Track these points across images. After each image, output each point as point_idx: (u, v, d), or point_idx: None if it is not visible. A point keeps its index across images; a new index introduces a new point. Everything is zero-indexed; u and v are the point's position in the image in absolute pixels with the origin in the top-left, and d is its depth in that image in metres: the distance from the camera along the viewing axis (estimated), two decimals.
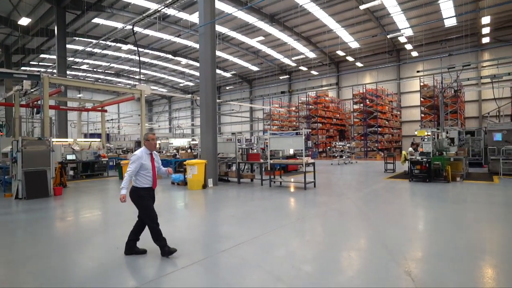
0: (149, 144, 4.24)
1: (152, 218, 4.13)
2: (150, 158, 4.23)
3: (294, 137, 11.11)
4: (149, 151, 4.26)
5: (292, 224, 5.81)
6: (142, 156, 4.13)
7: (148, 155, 4.23)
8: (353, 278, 3.45)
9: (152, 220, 4.12)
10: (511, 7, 20.79)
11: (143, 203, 4.13)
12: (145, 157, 4.17)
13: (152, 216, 4.13)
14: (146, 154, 4.22)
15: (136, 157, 4.11)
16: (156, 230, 4.12)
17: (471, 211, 6.73)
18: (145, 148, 4.26)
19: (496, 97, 20.93)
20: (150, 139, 4.24)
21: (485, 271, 3.65)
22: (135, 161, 4.07)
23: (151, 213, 4.14)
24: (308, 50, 28.86)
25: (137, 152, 4.21)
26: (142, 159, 4.12)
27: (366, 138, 27.24)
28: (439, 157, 11.18)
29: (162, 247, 4.12)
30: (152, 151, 4.29)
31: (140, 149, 4.29)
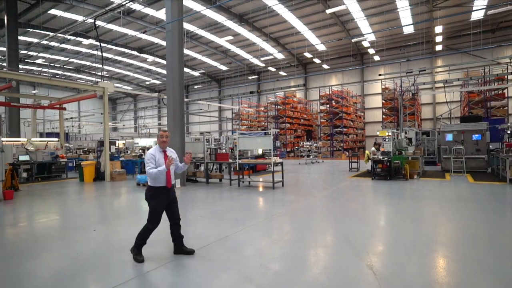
0: (160, 142, 4.15)
1: (154, 222, 4.06)
2: (164, 156, 4.12)
3: (263, 137, 11.20)
4: (162, 149, 4.16)
5: (260, 223, 5.85)
6: (155, 154, 4.05)
7: (161, 153, 4.13)
8: (319, 275, 3.55)
9: (152, 222, 4.05)
10: (460, 18, 22.60)
11: (152, 204, 4.05)
12: (158, 155, 4.08)
13: (154, 219, 4.06)
14: (159, 152, 4.12)
15: (150, 155, 4.04)
16: (146, 232, 4.06)
17: (427, 206, 7.21)
18: (158, 146, 4.18)
19: (448, 101, 22.65)
20: (159, 136, 4.16)
21: (438, 261, 3.93)
22: (150, 160, 4.00)
23: (155, 216, 4.07)
24: (277, 51, 29.26)
25: (151, 150, 4.13)
26: (155, 157, 4.03)
27: (332, 138, 28.17)
28: (399, 156, 11.85)
29: (136, 246, 4.06)
30: (164, 149, 4.18)
31: (153, 147, 4.21)
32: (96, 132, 35.04)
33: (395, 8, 20.91)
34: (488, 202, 7.50)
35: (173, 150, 4.30)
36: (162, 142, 4.14)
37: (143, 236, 4.06)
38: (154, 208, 4.04)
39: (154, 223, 4.05)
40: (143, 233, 4.06)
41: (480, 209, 6.72)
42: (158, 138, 4.16)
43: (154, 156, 4.02)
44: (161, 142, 4.14)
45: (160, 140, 4.14)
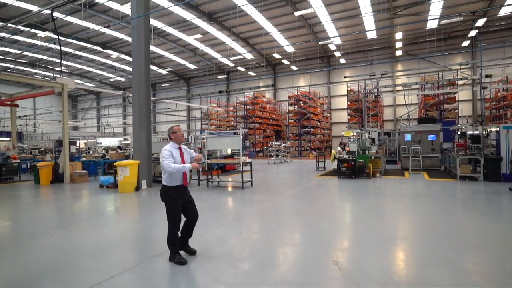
0: (177, 137, 4.01)
1: (174, 221, 3.92)
2: (180, 152, 3.99)
3: (232, 136, 11.18)
4: (177, 145, 4.03)
5: (229, 223, 5.83)
6: (171, 150, 3.91)
7: (177, 149, 3.99)
8: (287, 272, 3.62)
9: (173, 223, 3.92)
10: (418, 26, 24.11)
11: (170, 204, 3.92)
12: (174, 152, 3.94)
13: (174, 218, 3.93)
14: (175, 148, 3.99)
15: (167, 152, 3.87)
16: (172, 235, 3.93)
17: (388, 203, 7.61)
18: (173, 142, 4.03)
19: (407, 103, 24.07)
20: (176, 131, 4.02)
21: (397, 254, 4.16)
22: (168, 156, 3.84)
23: (174, 216, 3.93)
24: (246, 51, 29.32)
25: (167, 147, 3.95)
26: (172, 153, 3.90)
27: (300, 138, 28.78)
28: (363, 156, 12.40)
29: (173, 252, 3.94)
30: (180, 144, 4.05)
31: (168, 144, 4.02)
32: (54, 131, 32.89)
33: (359, 14, 21.83)
34: (442, 197, 8.07)
35: (185, 147, 4.19)
36: (181, 136, 4.04)
37: (172, 240, 3.93)
38: (173, 208, 3.92)
39: (176, 223, 3.93)
40: (171, 237, 3.94)
41: (435, 205, 7.22)
42: (175, 134, 4.02)
43: (171, 152, 3.90)
44: (179, 136, 4.03)
45: (180, 134, 4.04)
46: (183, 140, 4.11)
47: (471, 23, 22.06)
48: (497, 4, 19.99)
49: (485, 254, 4.13)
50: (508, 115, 22.81)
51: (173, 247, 3.94)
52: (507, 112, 23.07)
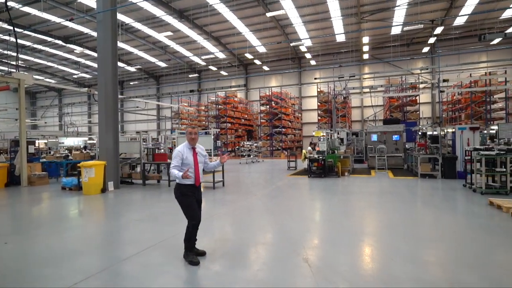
0: (189, 139, 3.99)
1: (193, 217, 3.96)
2: (193, 153, 3.98)
3: (203, 136, 11.05)
4: (190, 145, 4.01)
5: (201, 224, 5.75)
6: (183, 151, 3.92)
7: (190, 149, 3.99)
8: (259, 271, 3.64)
9: (191, 219, 3.95)
10: (383, 31, 25.26)
11: (184, 200, 3.95)
12: (187, 152, 3.95)
13: (192, 215, 3.96)
14: (188, 149, 3.99)
15: (177, 152, 3.92)
16: (191, 230, 3.96)
17: (356, 200, 7.90)
18: (187, 143, 4.03)
19: (373, 105, 25.14)
20: (188, 132, 3.99)
21: (364, 250, 4.34)
22: (176, 156, 3.90)
23: (192, 212, 3.97)
24: (218, 50, 29.10)
25: (179, 147, 3.99)
26: (183, 154, 3.90)
27: (272, 138, 29.06)
28: (332, 155, 12.77)
29: (187, 250, 3.99)
30: (193, 145, 4.02)
31: (182, 144, 4.05)
32: (10, 130, 30.52)
33: (329, 17, 22.45)
34: (404, 195, 8.52)
35: (202, 147, 4.19)
36: (191, 139, 3.98)
37: (189, 236, 3.97)
38: (187, 205, 3.95)
39: (194, 218, 3.95)
40: (188, 233, 3.96)
41: (398, 201, 7.61)
42: (187, 135, 4.00)
43: (181, 153, 3.90)
44: (190, 139, 3.98)
45: (189, 137, 3.98)
46: (193, 142, 4.01)
47: (430, 30, 23.49)
48: (452, 14, 21.46)
49: (442, 247, 4.41)
50: (462, 117, 24.58)
51: (187, 244, 3.97)
52: (462, 114, 24.86)
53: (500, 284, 3.25)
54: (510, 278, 3.41)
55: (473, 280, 3.30)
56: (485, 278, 3.35)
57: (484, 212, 6.35)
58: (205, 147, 13.12)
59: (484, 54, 26.48)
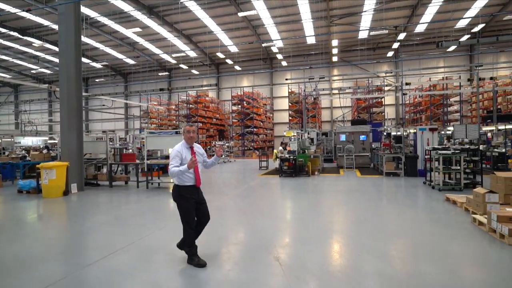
0: (184, 136, 3.85)
1: (187, 221, 3.80)
2: (191, 152, 3.83)
3: (174, 136, 10.81)
4: (188, 144, 3.85)
5: (171, 226, 5.64)
6: (181, 151, 3.75)
7: (188, 149, 3.84)
8: (230, 271, 3.64)
9: (188, 224, 3.80)
10: (351, 35, 26.19)
11: (183, 204, 3.78)
12: (185, 151, 3.78)
13: (188, 219, 3.80)
14: (186, 148, 3.82)
15: (175, 152, 3.73)
16: (188, 236, 3.82)
17: (325, 199, 8.13)
18: (184, 142, 3.86)
19: (342, 105, 25.98)
20: (185, 131, 3.83)
21: (333, 247, 4.48)
22: (175, 156, 3.70)
23: (189, 217, 3.80)
24: (189, 48, 28.61)
25: (176, 147, 3.81)
26: (181, 154, 3.73)
27: (244, 138, 29.09)
28: (303, 155, 13.04)
29: (190, 255, 3.84)
30: (191, 144, 3.86)
31: (179, 143, 3.87)
32: None
33: (299, 19, 22.87)
34: (371, 192, 8.90)
35: (199, 146, 4.06)
36: (189, 138, 3.83)
37: (188, 242, 3.82)
38: (185, 208, 3.79)
39: (190, 223, 3.80)
40: (186, 239, 3.82)
41: (365, 199, 7.94)
42: (185, 134, 3.84)
43: (180, 153, 3.73)
44: (188, 138, 3.83)
45: (187, 136, 3.83)
46: (191, 140, 3.87)
47: (394, 36, 24.71)
48: (413, 21, 22.74)
49: (404, 241, 4.67)
50: (423, 119, 26.14)
51: (189, 249, 3.83)
52: (422, 116, 26.43)
53: (455, 273, 3.50)
54: (463, 268, 3.69)
55: (431, 271, 3.52)
56: (442, 268, 3.59)
57: (441, 207, 6.80)
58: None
59: (442, 60, 28.33)
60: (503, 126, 13.43)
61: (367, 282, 3.32)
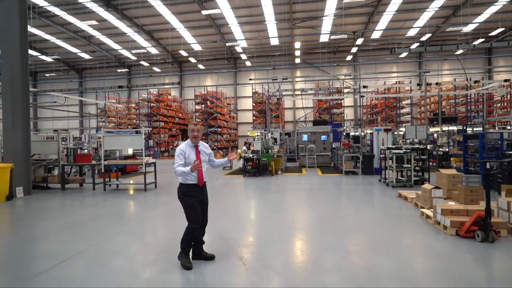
0: (190, 136, 3.78)
1: (193, 220, 3.72)
2: (195, 151, 3.77)
3: (134, 135, 10.37)
4: (193, 143, 3.78)
5: (130, 229, 5.41)
6: (185, 150, 3.72)
7: (192, 148, 3.78)
8: (192, 274, 3.58)
9: (192, 221, 3.72)
10: (313, 38, 27.03)
11: (187, 201, 3.75)
12: (189, 150, 3.74)
13: (193, 217, 3.73)
14: (190, 147, 3.78)
15: (179, 150, 3.72)
16: (190, 233, 3.72)
17: (288, 197, 8.31)
18: (189, 141, 3.80)
19: (304, 106, 26.71)
20: (190, 130, 3.77)
21: (295, 244, 4.59)
22: (179, 155, 3.69)
23: (193, 213, 3.73)
24: (150, 45, 27.62)
25: (181, 145, 3.78)
26: (185, 153, 3.69)
27: (207, 138, 28.73)
28: (266, 155, 13.19)
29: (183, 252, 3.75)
30: (196, 143, 3.79)
31: (184, 142, 3.84)
32: None
33: (263, 20, 23.11)
34: (331, 190, 9.27)
35: (206, 145, 3.96)
36: (193, 137, 3.76)
37: (187, 239, 3.73)
38: (189, 206, 3.74)
39: (194, 221, 3.72)
40: (187, 236, 3.73)
41: (325, 197, 8.24)
42: (189, 133, 3.79)
43: (183, 152, 3.71)
44: (193, 137, 3.77)
45: (192, 135, 3.76)
46: (196, 139, 3.79)
47: (353, 41, 25.95)
48: (370, 28, 24.08)
49: (361, 236, 4.93)
50: (378, 120, 27.77)
51: (185, 246, 3.75)
52: (378, 117, 28.07)
53: (406, 264, 3.76)
54: (413, 258, 3.98)
55: (385, 263, 3.76)
56: (394, 260, 3.85)
57: (394, 203, 7.28)
58: (135, 147, 12.27)
59: (395, 65, 30.31)
60: (447, 128, 14.72)
61: (327, 276, 3.45)
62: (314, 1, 20.26)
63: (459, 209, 4.98)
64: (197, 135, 3.80)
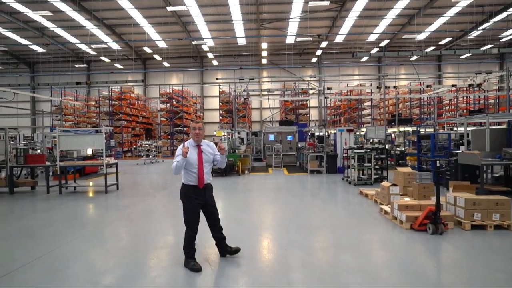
0: (191, 135, 3.70)
1: (189, 223, 3.68)
2: (197, 151, 3.64)
3: (93, 135, 9.84)
4: (195, 143, 3.66)
5: (89, 234, 5.12)
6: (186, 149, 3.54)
7: (194, 147, 3.65)
8: (157, 277, 3.48)
9: (188, 225, 3.68)
10: (279, 39, 27.44)
11: (186, 204, 3.69)
12: (191, 150, 3.58)
13: (189, 220, 3.68)
14: (192, 146, 3.65)
15: (179, 150, 3.57)
16: (187, 238, 3.68)
17: (255, 197, 8.36)
18: (191, 140, 3.70)
19: (271, 107, 27.04)
20: (191, 128, 3.68)
21: (262, 243, 4.64)
22: (178, 154, 3.55)
23: (189, 217, 3.67)
24: (112, 40, 26.31)
25: (181, 145, 3.62)
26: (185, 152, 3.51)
27: (173, 137, 28.03)
28: (233, 154, 13.17)
29: (187, 257, 3.68)
30: (198, 143, 3.66)
31: (187, 141, 3.73)
32: None
33: (230, 19, 23.02)
34: (297, 189, 9.48)
35: (211, 144, 3.83)
36: (195, 135, 3.66)
37: (187, 244, 3.68)
38: (187, 209, 3.69)
39: (190, 225, 3.67)
40: (186, 240, 3.69)
41: (291, 196, 8.41)
42: (190, 131, 3.72)
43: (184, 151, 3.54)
44: (194, 135, 3.66)
45: (193, 133, 3.66)
46: (198, 138, 3.67)
47: (317, 44, 26.74)
48: (334, 32, 25.00)
49: (324, 233, 5.11)
50: (342, 120, 28.90)
51: (187, 251, 3.69)
52: (341, 118, 29.22)
53: (366, 258, 3.96)
54: (373, 252, 4.20)
55: (347, 258, 3.92)
56: (356, 255, 4.03)
57: (356, 200, 7.62)
58: (95, 147, 11.64)
59: (357, 69, 31.74)
60: (403, 128, 15.70)
61: (293, 274, 3.53)
62: (280, 3, 20.56)
63: (413, 205, 5.34)
64: (199, 133, 3.67)
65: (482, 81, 17.00)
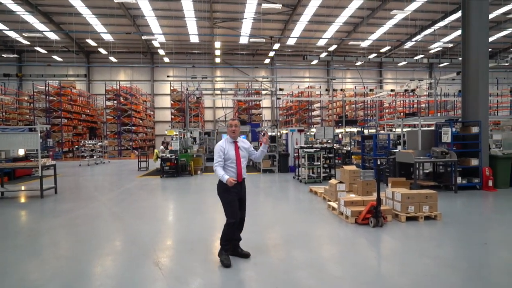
0: (228, 132, 3.82)
1: (232, 215, 3.73)
2: (234, 147, 3.78)
3: (26, 133, 8.87)
4: (232, 139, 3.80)
5: (21, 244, 4.61)
6: (224, 146, 3.74)
7: (231, 144, 3.80)
8: (101, 285, 3.26)
9: (230, 217, 3.73)
10: (233, 39, 27.45)
11: (226, 197, 3.75)
12: (228, 146, 3.76)
13: (232, 213, 3.74)
14: (229, 143, 3.80)
15: (218, 147, 3.74)
16: (228, 229, 3.73)
17: (208, 197, 8.25)
18: (228, 136, 3.83)
19: (224, 106, 26.96)
20: (228, 125, 3.85)
21: (214, 244, 4.59)
22: (218, 151, 3.72)
23: (232, 209, 3.74)
24: (48, 29, 23.93)
25: (220, 142, 3.82)
26: (224, 149, 3.71)
27: (120, 137, 26.44)
28: (185, 154, 12.85)
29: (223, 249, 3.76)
30: (234, 139, 3.80)
31: (223, 139, 3.86)
32: None
33: (183, 16, 22.41)
34: (250, 188, 9.47)
35: (245, 141, 3.96)
36: (231, 132, 3.77)
37: (227, 235, 3.74)
38: (228, 201, 3.75)
39: (232, 216, 3.72)
40: (226, 232, 3.73)
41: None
42: (227, 128, 3.84)
43: (223, 148, 3.72)
44: (231, 132, 3.78)
45: (230, 130, 3.78)
46: (234, 134, 3.79)
47: (270, 45, 27.32)
48: (286, 35, 25.75)
49: (277, 230, 5.24)
50: (293, 121, 29.89)
51: (225, 243, 3.75)
52: (293, 118, 30.21)
53: (316, 252, 4.16)
54: (322, 246, 4.43)
55: (298, 254, 4.07)
56: (307, 250, 4.21)
57: (306, 197, 7.94)
58: (28, 147, 10.63)
59: (308, 71, 33.07)
60: (349, 129, 16.77)
61: (245, 272, 3.57)
62: (234, 3, 20.57)
63: (358, 200, 5.73)
64: (235, 129, 3.80)
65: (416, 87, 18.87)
